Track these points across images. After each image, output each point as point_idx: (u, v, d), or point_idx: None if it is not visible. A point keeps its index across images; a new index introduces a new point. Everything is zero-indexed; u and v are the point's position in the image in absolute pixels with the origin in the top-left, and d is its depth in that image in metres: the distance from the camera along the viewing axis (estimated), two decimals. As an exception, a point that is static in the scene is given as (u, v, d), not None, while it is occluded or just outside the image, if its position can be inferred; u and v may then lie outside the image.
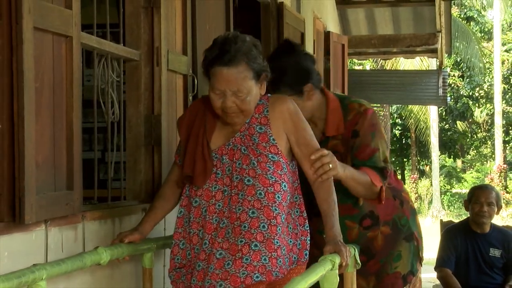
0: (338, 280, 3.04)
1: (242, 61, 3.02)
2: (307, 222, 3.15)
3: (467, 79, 30.20)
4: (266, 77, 3.13)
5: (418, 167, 30.71)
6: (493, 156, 28.93)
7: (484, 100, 30.96)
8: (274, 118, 3.11)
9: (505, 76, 30.01)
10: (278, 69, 3.34)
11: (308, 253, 3.13)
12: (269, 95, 3.19)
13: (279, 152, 3.09)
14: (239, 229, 3.03)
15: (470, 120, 31.16)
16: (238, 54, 3.02)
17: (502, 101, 28.50)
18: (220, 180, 3.11)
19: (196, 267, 3.08)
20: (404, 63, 24.78)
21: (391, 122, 28.16)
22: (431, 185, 27.99)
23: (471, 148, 33.40)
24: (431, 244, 7.05)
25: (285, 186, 3.09)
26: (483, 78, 29.79)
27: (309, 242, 3.14)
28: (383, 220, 3.55)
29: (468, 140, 31.98)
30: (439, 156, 29.05)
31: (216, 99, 3.05)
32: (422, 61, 24.78)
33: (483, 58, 27.71)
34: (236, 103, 3.04)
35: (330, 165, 3.09)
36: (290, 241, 3.10)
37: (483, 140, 32.71)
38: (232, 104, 3.04)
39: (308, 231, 3.15)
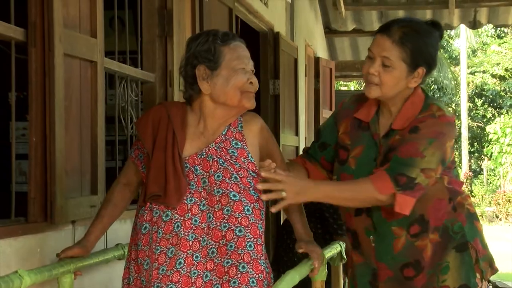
0: (327, 272, 3.03)
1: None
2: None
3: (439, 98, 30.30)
4: None
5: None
6: (460, 164, 28.85)
7: (452, 117, 31.00)
8: (250, 135, 2.55)
9: (470, 96, 30.07)
10: (420, 29, 2.58)
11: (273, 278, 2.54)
12: None
13: (256, 171, 2.50)
14: (225, 249, 2.41)
15: (440, 133, 31.18)
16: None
17: (468, 117, 28.57)
18: (196, 193, 2.44)
19: None
20: (383, 85, 24.75)
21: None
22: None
23: (441, 158, 33.39)
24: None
25: (263, 203, 2.51)
26: (451, 98, 29.85)
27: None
28: (433, 225, 2.61)
29: (438, 151, 31.97)
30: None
31: (242, 74, 2.49)
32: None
33: (452, 81, 27.80)
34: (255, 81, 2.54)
35: (283, 193, 2.44)
36: None
37: (452, 151, 32.75)
38: (255, 79, 2.53)
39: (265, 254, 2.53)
